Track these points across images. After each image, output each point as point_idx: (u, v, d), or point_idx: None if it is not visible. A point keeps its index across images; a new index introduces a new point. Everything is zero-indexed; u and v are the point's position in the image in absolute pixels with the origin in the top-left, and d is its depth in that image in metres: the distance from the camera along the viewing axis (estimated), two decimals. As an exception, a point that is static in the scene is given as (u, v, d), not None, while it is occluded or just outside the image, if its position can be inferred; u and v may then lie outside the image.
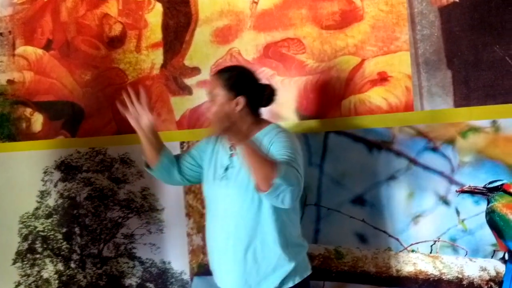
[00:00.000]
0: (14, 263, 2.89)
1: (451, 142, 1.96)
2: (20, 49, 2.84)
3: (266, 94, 1.85)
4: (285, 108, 2.21)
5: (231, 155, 1.80)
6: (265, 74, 2.24)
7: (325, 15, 2.14)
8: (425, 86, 1.99)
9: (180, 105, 2.45)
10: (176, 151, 2.42)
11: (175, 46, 2.45)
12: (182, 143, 2.44)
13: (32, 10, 2.80)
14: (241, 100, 1.75)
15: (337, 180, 2.14)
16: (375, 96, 2.07)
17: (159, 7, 2.48)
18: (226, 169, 1.78)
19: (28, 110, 2.84)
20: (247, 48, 2.29)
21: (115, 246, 2.63)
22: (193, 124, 2.42)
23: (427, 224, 2.00)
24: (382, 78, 2.05)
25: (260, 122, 1.82)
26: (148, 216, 2.55)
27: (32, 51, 2.81)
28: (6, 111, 2.89)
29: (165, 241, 2.52)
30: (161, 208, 2.52)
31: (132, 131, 2.49)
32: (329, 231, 2.16)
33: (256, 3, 2.27)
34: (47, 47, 2.76)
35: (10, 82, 2.88)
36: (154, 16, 2.49)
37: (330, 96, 2.14)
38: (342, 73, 2.12)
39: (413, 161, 2.02)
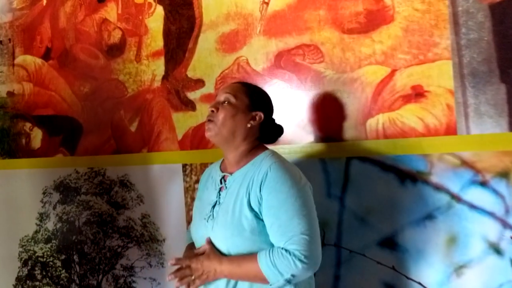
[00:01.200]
0: (13, 290, 2.69)
1: (504, 175, 1.54)
2: (19, 59, 2.63)
3: (277, 131, 1.58)
4: (299, 128, 1.86)
5: (219, 189, 1.47)
6: (276, 88, 1.90)
7: (347, 17, 1.77)
8: (472, 104, 1.57)
9: (183, 122, 2.13)
10: (178, 174, 2.13)
11: (177, 55, 2.14)
12: (184, 166, 2.12)
13: (31, 16, 2.58)
14: (260, 115, 1.49)
15: (362, 217, 1.76)
16: (409, 115, 1.67)
17: (160, 11, 2.18)
18: (213, 206, 1.46)
19: (27, 125, 2.61)
20: (256, 57, 1.95)
21: (114, 278, 2.35)
22: (196, 144, 2.10)
23: (474, 277, 1.59)
24: (417, 93, 1.66)
25: (258, 148, 1.51)
26: (148, 247, 2.25)
27: (31, 61, 2.58)
28: (6, 126, 2.69)
29: (166, 276, 2.21)
30: (162, 239, 2.22)
31: (131, 150, 2.26)
32: (352, 279, 1.78)
33: (267, 3, 1.92)
34: (46, 56, 2.53)
35: (10, 94, 2.67)
36: (155, 20, 2.19)
37: (353, 114, 1.77)
38: (367, 86, 1.74)
39: (456, 198, 1.61)
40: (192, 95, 2.10)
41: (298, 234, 1.29)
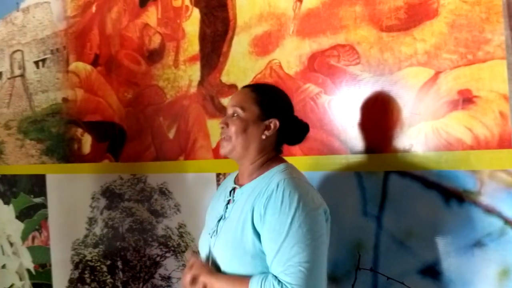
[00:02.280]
0: (66, 292, 2.76)
1: None
2: (72, 65, 2.68)
3: (301, 130, 1.41)
4: (333, 137, 1.68)
5: (228, 202, 1.35)
6: (309, 93, 1.73)
7: (386, 12, 1.56)
8: (531, 112, 1.31)
9: (217, 129, 2.00)
10: (212, 184, 2.04)
11: (212, 59, 2.04)
12: (218, 175, 2.03)
13: (82, 23, 2.62)
14: (275, 123, 1.33)
15: (401, 240, 1.55)
16: (455, 125, 1.44)
17: (196, 14, 2.10)
18: (219, 220, 1.35)
19: (79, 130, 2.66)
20: (289, 60, 1.79)
21: (154, 287, 2.32)
22: (230, 153, 1.99)
23: (532, 319, 1.32)
24: (465, 99, 1.42)
25: (273, 160, 1.35)
26: (184, 258, 2.18)
27: (82, 68, 2.63)
28: (61, 131, 2.76)
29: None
30: (197, 251, 2.13)
31: (169, 158, 2.21)
32: (389, 308, 1.58)
33: (301, 1, 1.76)
34: (94, 62, 2.56)
35: (64, 100, 2.74)
36: (192, 24, 2.11)
37: (392, 123, 1.56)
38: (408, 90, 1.52)
39: (510, 223, 1.35)
40: (226, 101, 1.99)
41: (296, 265, 1.13)
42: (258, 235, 1.23)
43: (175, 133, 2.20)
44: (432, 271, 1.49)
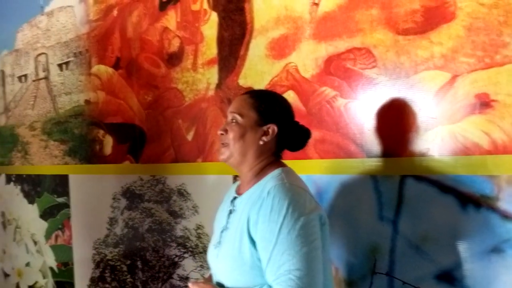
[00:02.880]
0: (87, 290, 2.82)
1: None
2: (94, 68, 2.74)
3: (301, 136, 1.40)
4: (348, 141, 1.68)
5: (229, 212, 1.36)
6: (325, 96, 1.73)
7: (402, 15, 1.55)
8: (550, 117, 1.29)
9: (234, 132, 2.05)
10: (228, 185, 2.05)
11: (229, 63, 2.06)
12: (235, 177, 2.04)
13: (104, 27, 2.67)
14: (273, 128, 1.32)
15: (417, 245, 1.54)
16: (472, 129, 1.42)
17: (214, 17, 2.12)
18: (222, 231, 1.36)
19: (101, 132, 2.72)
20: (305, 63, 1.80)
21: (172, 287, 2.35)
22: (247, 156, 2.00)
23: (551, 328, 1.30)
24: (483, 103, 1.40)
25: (269, 166, 1.35)
26: (202, 258, 2.21)
27: (104, 70, 2.68)
28: (84, 132, 2.82)
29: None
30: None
31: (188, 160, 2.24)
32: (404, 314, 1.57)
33: (317, 4, 1.76)
34: (116, 65, 2.60)
35: (87, 102, 2.79)
36: (210, 28, 2.13)
37: (408, 126, 1.55)
38: (425, 94, 1.51)
39: (528, 230, 1.33)
40: (243, 104, 2.01)
41: (286, 273, 1.13)
42: (254, 244, 1.23)
43: (194, 135, 2.22)
44: (449, 276, 1.47)
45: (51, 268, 3.14)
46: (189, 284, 1.33)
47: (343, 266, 1.70)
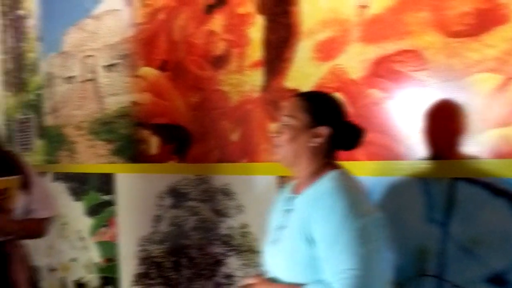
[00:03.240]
0: (132, 286, 2.90)
1: None
2: (141, 70, 2.81)
3: (355, 135, 1.41)
4: (397, 143, 1.68)
5: (286, 211, 1.39)
6: (373, 98, 1.75)
7: (453, 18, 1.55)
8: None
9: (280, 133, 2.08)
10: (273, 185, 2.09)
11: (275, 65, 2.09)
12: (280, 178, 2.07)
13: (150, 30, 2.74)
14: (324, 131, 1.35)
15: (468, 248, 1.53)
16: (526, 132, 1.41)
17: (260, 20, 2.15)
18: (279, 229, 1.40)
19: (147, 132, 2.79)
20: (352, 65, 1.81)
21: (216, 285, 2.40)
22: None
23: None
24: (538, 106, 1.39)
25: (325, 167, 1.37)
26: (246, 257, 2.25)
27: (150, 73, 2.75)
28: (130, 133, 2.90)
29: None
30: (259, 251, 2.20)
31: (233, 160, 2.28)
32: (454, 316, 1.56)
33: (364, 7, 1.77)
34: (162, 67, 2.67)
35: (133, 103, 2.87)
36: (256, 31, 2.17)
37: (459, 129, 1.55)
38: (477, 97, 1.50)
39: None
40: (289, 106, 2.03)
41: (344, 272, 1.16)
42: (310, 244, 1.26)
43: (239, 136, 2.27)
44: (500, 280, 1.47)
45: (96, 264, 3.24)
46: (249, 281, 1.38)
47: (392, 267, 1.71)
